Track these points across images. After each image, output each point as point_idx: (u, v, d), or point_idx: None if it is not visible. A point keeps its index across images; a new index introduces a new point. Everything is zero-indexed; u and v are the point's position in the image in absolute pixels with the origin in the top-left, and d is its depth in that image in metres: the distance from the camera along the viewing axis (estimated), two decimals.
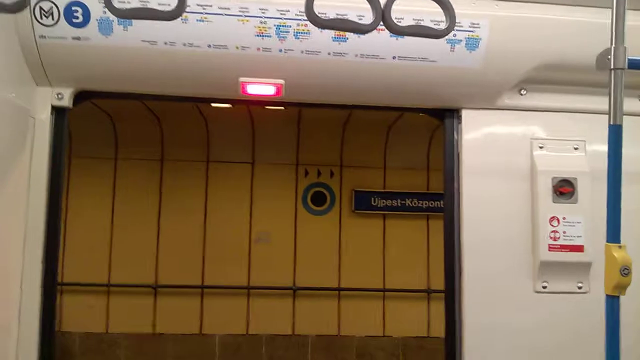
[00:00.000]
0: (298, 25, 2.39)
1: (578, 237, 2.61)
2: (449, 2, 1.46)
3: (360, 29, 1.48)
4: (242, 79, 2.54)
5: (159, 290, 6.47)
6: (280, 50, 2.43)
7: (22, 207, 2.51)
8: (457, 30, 2.43)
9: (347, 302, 6.69)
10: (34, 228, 2.53)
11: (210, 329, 6.50)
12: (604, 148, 1.95)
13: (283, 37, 2.40)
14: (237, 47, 2.42)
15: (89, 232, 6.33)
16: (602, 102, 2.67)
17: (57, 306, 2.65)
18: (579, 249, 2.61)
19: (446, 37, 2.28)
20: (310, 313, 6.62)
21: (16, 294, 2.48)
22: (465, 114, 2.75)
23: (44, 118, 2.58)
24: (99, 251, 6.38)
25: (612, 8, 1.91)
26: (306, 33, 2.40)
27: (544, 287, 2.64)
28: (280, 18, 2.38)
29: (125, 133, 6.40)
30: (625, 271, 1.82)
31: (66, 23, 2.34)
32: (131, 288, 6.46)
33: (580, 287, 2.65)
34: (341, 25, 1.54)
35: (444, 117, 2.81)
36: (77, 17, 2.33)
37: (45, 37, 2.37)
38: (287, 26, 2.39)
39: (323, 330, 6.62)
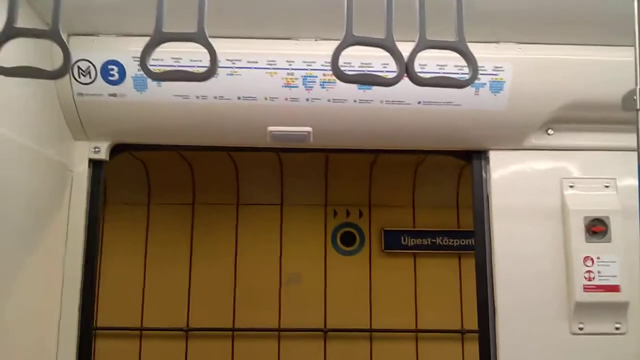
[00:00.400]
0: (324, 75, 2.46)
1: (613, 276, 2.56)
2: (471, 53, 1.50)
3: (384, 83, 1.52)
4: (270, 128, 2.61)
5: (190, 334, 6.47)
6: (307, 100, 2.51)
7: (60, 257, 2.60)
8: (480, 74, 2.47)
9: (379, 344, 6.58)
10: (72, 278, 2.61)
11: None
12: (636, 184, 1.94)
13: (310, 87, 2.48)
14: (265, 98, 2.50)
15: (122, 276, 6.42)
16: (631, 139, 2.66)
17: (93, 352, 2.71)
18: (615, 288, 2.56)
19: None
20: (341, 355, 6.52)
21: (54, 339, 2.54)
22: (492, 155, 2.77)
23: (82, 171, 2.68)
24: (131, 296, 6.45)
25: (635, 47, 1.92)
26: (332, 82, 2.47)
27: (581, 329, 2.58)
28: (307, 69, 2.46)
29: (158, 179, 6.54)
30: None
31: (103, 81, 2.46)
32: (163, 332, 6.48)
33: (617, 328, 2.58)
34: (365, 80, 1.59)
35: (472, 158, 2.83)
36: (113, 75, 2.45)
37: (82, 94, 2.49)
38: (314, 76, 2.46)
39: None
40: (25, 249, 2.29)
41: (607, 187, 2.70)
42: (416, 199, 6.78)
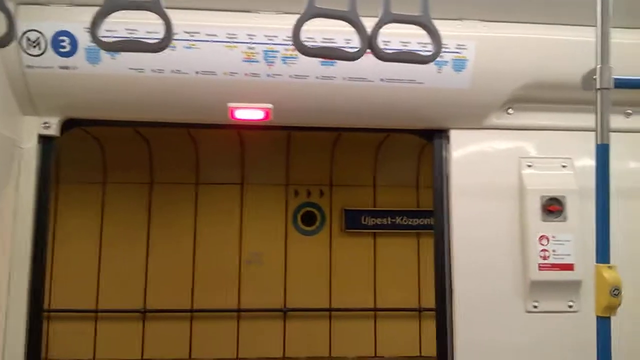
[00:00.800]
0: (285, 50, 2.40)
1: (568, 255, 2.62)
2: (435, 28, 1.48)
3: (347, 57, 1.48)
4: (230, 104, 2.54)
5: (147, 315, 6.38)
6: (268, 75, 2.45)
7: (8, 235, 2.48)
8: (444, 51, 2.44)
9: (339, 323, 6.63)
10: (20, 256, 2.51)
11: (200, 354, 6.40)
12: (592, 164, 1.96)
13: (271, 62, 2.42)
14: (225, 73, 2.43)
15: (77, 257, 6.25)
16: (588, 120, 2.69)
17: (43, 333, 2.61)
18: (569, 267, 2.62)
19: None
20: (301, 334, 6.55)
21: (1, 322, 2.44)
22: (453, 134, 2.77)
23: (30, 147, 2.56)
24: (87, 277, 6.29)
25: (596, 27, 1.93)
26: (294, 58, 2.41)
27: (535, 307, 2.64)
28: (268, 43, 2.39)
29: (114, 157, 6.36)
30: (616, 292, 1.81)
31: (53, 52, 2.34)
32: (119, 314, 6.36)
33: (571, 306, 2.65)
34: (328, 53, 1.55)
35: (433, 137, 2.83)
36: (64, 47, 2.33)
37: (32, 67, 2.36)
38: (275, 51, 2.40)
39: (314, 351, 6.55)
40: None
41: (564, 166, 2.75)
42: (377, 178, 6.81)
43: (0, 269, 2.46)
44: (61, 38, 2.32)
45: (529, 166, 2.74)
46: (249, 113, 2.60)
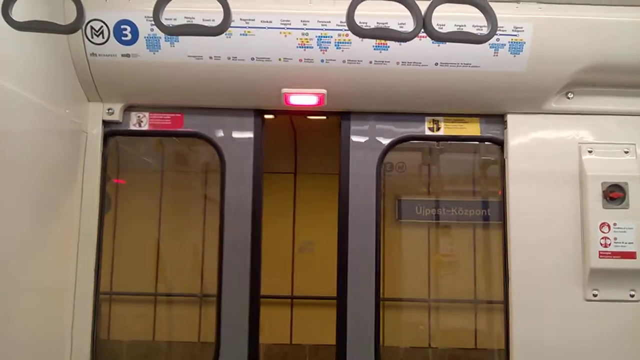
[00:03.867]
0: (339, 35, 2.42)
1: (630, 243, 2.54)
2: (490, 7, 1.46)
3: (401, 37, 1.48)
4: (284, 90, 2.59)
5: (203, 300, 6.55)
6: (322, 61, 2.47)
7: (76, 217, 2.63)
8: (500, 34, 2.41)
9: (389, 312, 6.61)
10: (88, 236, 2.64)
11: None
12: None
13: (325, 48, 2.44)
14: (279, 59, 2.47)
15: (138, 242, 6.47)
16: None
17: (105, 315, 2.75)
18: (630, 255, 2.53)
19: (489, 42, 2.26)
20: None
21: (70, 304, 2.58)
22: (510, 119, 2.72)
23: (96, 132, 2.69)
24: (145, 261, 6.51)
25: None
26: (347, 43, 2.42)
27: (595, 295, 2.57)
28: (322, 29, 2.41)
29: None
30: None
31: (116, 41, 2.44)
32: (178, 297, 6.55)
33: (632, 295, 2.56)
34: (381, 34, 1.55)
35: (489, 122, 2.79)
36: (126, 35, 2.43)
37: (96, 55, 2.48)
38: (329, 37, 2.42)
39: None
40: (43, 208, 2.31)
41: (626, 152, 2.65)
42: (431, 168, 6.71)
43: (69, 249, 2.60)
44: (123, 27, 2.42)
45: (590, 152, 2.66)
46: (303, 99, 2.63)
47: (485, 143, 2.92)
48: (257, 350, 2.74)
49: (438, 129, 2.83)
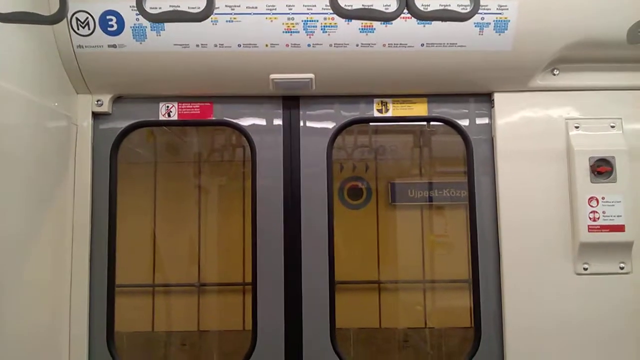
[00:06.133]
0: (325, 19, 2.42)
1: (618, 216, 2.57)
2: None
3: (384, 17, 1.49)
4: (272, 76, 2.59)
5: (201, 289, 6.57)
6: (309, 45, 2.48)
7: (69, 210, 2.64)
8: (485, 13, 2.42)
9: (387, 295, 6.67)
10: (81, 228, 2.65)
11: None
12: None
13: (311, 32, 2.44)
14: (266, 45, 2.47)
15: (135, 234, 6.49)
16: (637, 78, 2.62)
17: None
18: (619, 228, 2.57)
19: (474, 20, 2.27)
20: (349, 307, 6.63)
21: (66, 299, 2.61)
22: (497, 97, 2.74)
23: (86, 125, 2.69)
24: (144, 253, 6.52)
25: None
26: (333, 26, 2.43)
27: (585, 269, 2.61)
28: (307, 13, 2.42)
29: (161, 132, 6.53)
30: None
31: (102, 32, 2.44)
32: (177, 287, 6.58)
33: (622, 268, 2.61)
34: (365, 14, 1.56)
35: (476, 102, 2.81)
36: (111, 26, 2.43)
37: (82, 46, 2.47)
38: (315, 20, 2.42)
39: (364, 323, 6.62)
40: (35, 204, 2.31)
41: (612, 127, 2.68)
42: (423, 149, 6.74)
43: (63, 243, 2.61)
44: (109, 17, 2.42)
45: (577, 127, 2.68)
46: (291, 83, 2.64)
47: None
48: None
49: (387, 110, 2.84)
